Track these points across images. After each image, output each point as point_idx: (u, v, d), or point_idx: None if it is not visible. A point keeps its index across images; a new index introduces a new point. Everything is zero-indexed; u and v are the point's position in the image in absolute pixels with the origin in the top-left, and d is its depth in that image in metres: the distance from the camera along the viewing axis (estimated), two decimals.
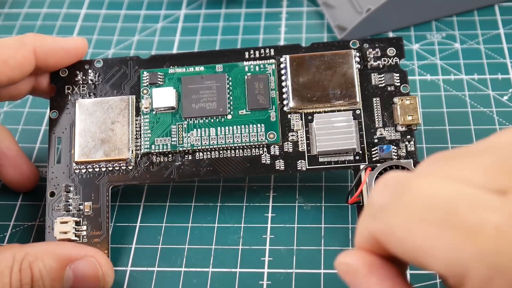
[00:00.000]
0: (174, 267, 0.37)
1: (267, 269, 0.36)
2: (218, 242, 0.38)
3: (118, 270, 0.37)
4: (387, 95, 0.38)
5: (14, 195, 0.41)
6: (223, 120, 0.38)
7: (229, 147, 0.37)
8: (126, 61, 0.40)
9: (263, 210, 0.39)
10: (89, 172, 0.38)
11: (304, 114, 0.38)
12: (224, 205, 0.40)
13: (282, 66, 0.39)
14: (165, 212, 0.40)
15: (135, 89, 0.39)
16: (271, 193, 0.40)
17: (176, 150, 0.37)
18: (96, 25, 0.53)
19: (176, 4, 0.54)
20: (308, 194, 0.40)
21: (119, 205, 0.40)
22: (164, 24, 0.52)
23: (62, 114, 0.39)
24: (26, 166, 0.40)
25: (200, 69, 0.39)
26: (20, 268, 0.33)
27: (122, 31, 0.52)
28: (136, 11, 0.54)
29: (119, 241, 0.38)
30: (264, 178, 0.41)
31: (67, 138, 0.38)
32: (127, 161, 0.37)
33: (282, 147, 0.37)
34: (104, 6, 0.55)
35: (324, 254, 0.37)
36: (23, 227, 0.40)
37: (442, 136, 0.42)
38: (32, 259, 0.33)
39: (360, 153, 0.37)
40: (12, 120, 0.46)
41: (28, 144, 0.44)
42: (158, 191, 0.41)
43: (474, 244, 0.21)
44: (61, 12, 0.54)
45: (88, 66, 0.40)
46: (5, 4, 0.55)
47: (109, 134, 0.37)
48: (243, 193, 0.40)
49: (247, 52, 0.39)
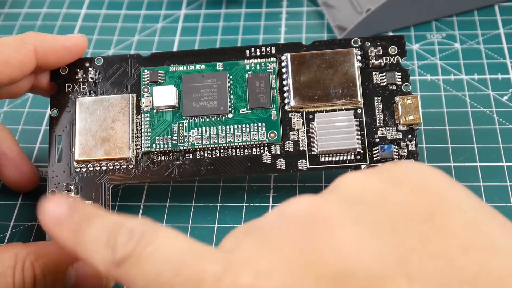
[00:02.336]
0: None
1: None
2: (218, 242, 0.38)
3: None
4: (389, 94, 0.38)
5: (14, 195, 0.41)
6: (224, 119, 0.38)
7: (230, 146, 0.37)
8: (126, 59, 0.40)
9: (263, 210, 0.39)
10: (89, 171, 0.38)
11: (305, 113, 0.38)
12: (224, 205, 0.40)
13: (283, 65, 0.38)
14: (165, 212, 0.40)
15: (135, 87, 0.39)
16: (271, 193, 0.40)
17: (177, 149, 0.37)
18: (96, 25, 0.53)
19: (176, 4, 0.54)
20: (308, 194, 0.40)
21: (119, 205, 0.40)
22: (164, 24, 0.53)
23: (62, 112, 0.39)
24: (27, 166, 0.40)
25: (201, 67, 0.39)
26: (23, 267, 0.33)
27: (122, 31, 0.52)
28: (136, 11, 0.54)
29: None
30: (264, 178, 0.41)
31: (67, 137, 0.38)
32: (128, 160, 0.37)
33: (283, 147, 0.37)
34: (104, 6, 0.55)
35: None
36: (23, 227, 0.40)
37: (442, 136, 0.42)
38: (34, 259, 0.33)
39: (361, 153, 0.37)
40: (12, 120, 0.46)
41: (28, 144, 0.44)
42: (158, 191, 0.41)
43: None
44: (61, 12, 0.54)
45: (88, 64, 0.40)
46: (5, 4, 0.55)
47: (109, 133, 0.37)
48: (243, 193, 0.40)
49: (248, 50, 0.39)
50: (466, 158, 0.41)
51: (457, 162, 0.41)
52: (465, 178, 0.40)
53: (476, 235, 0.24)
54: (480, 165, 0.40)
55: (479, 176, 0.40)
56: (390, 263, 0.23)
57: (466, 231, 0.24)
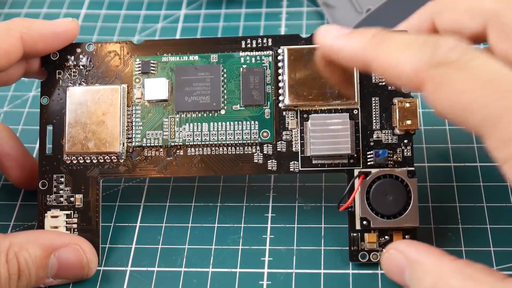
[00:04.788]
0: (174, 267, 0.37)
1: (267, 269, 0.36)
2: (218, 242, 0.38)
3: (118, 270, 0.37)
4: (387, 95, 0.37)
5: (14, 195, 0.41)
6: (216, 115, 0.37)
7: (222, 144, 0.37)
8: (118, 45, 0.39)
9: (263, 210, 0.39)
10: (80, 164, 0.37)
11: (300, 111, 0.37)
12: (224, 205, 0.40)
13: (280, 58, 0.37)
14: (165, 212, 0.40)
15: (127, 76, 0.38)
16: (271, 193, 0.40)
17: (167, 145, 0.37)
18: (96, 25, 0.53)
19: (176, 4, 0.54)
20: (308, 194, 0.40)
21: (119, 205, 0.40)
22: (164, 24, 0.53)
23: (53, 100, 0.38)
24: (31, 164, 0.40)
25: (194, 58, 0.38)
26: (6, 259, 0.33)
27: (122, 31, 0.52)
28: (136, 11, 0.54)
29: (119, 241, 0.38)
30: (264, 178, 0.41)
31: (58, 127, 0.38)
32: (118, 155, 0.37)
33: (275, 147, 0.37)
34: (104, 6, 0.55)
35: (324, 254, 0.37)
36: (23, 227, 0.40)
37: (442, 136, 0.42)
38: (18, 249, 0.34)
39: (355, 157, 0.36)
40: (12, 120, 0.46)
41: (28, 144, 0.43)
42: (158, 191, 0.41)
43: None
44: (61, 12, 0.54)
45: (80, 50, 0.38)
46: (5, 4, 0.55)
47: (100, 126, 0.37)
48: (243, 193, 0.40)
49: (243, 41, 0.38)
50: (466, 158, 0.41)
51: (457, 162, 0.41)
52: (465, 178, 0.40)
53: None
54: (480, 165, 0.40)
55: (479, 176, 0.40)
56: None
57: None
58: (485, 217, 0.38)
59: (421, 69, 0.28)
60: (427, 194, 0.39)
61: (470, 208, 0.38)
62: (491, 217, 0.38)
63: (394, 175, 0.35)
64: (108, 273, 0.37)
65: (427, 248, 0.32)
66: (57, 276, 0.35)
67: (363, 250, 0.36)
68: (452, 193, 0.39)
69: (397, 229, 0.35)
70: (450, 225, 0.37)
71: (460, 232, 0.37)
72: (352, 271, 0.36)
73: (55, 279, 0.35)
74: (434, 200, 0.39)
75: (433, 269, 0.30)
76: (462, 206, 0.38)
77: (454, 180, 0.40)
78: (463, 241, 0.37)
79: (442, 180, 0.40)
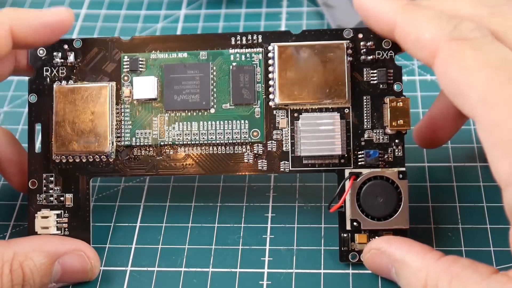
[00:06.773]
0: (174, 267, 0.37)
1: (267, 269, 0.36)
2: (218, 242, 0.38)
3: (118, 270, 0.37)
4: (379, 93, 0.36)
5: (14, 195, 0.41)
6: (206, 114, 0.37)
7: (212, 143, 0.37)
8: (106, 42, 0.38)
9: (263, 210, 0.39)
10: (69, 163, 0.37)
11: (290, 110, 0.36)
12: (224, 205, 0.40)
13: (270, 56, 0.36)
14: (165, 212, 0.40)
15: (115, 73, 0.37)
16: (271, 193, 0.40)
17: (157, 144, 0.37)
18: (96, 25, 0.53)
19: (176, 4, 0.54)
20: (308, 194, 0.40)
21: (119, 205, 0.40)
22: (164, 24, 0.53)
23: (41, 98, 0.37)
24: None
25: (184, 55, 0.37)
26: (10, 269, 0.33)
27: (122, 31, 0.52)
28: (136, 11, 0.54)
29: (119, 241, 0.38)
30: (264, 178, 0.41)
31: (46, 125, 0.37)
32: (108, 154, 0.37)
33: (265, 146, 0.37)
34: (104, 6, 0.55)
35: (324, 254, 0.37)
36: (23, 227, 0.40)
37: None
38: (23, 259, 0.33)
39: (346, 156, 0.36)
40: (12, 120, 0.46)
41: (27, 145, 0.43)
42: (158, 191, 0.41)
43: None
44: None
45: (67, 46, 0.38)
46: (5, 5, 0.55)
47: (88, 125, 0.36)
48: (243, 193, 0.40)
49: (233, 37, 0.37)
50: (466, 159, 0.41)
51: (456, 162, 0.41)
52: (465, 179, 0.40)
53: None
54: (480, 165, 0.40)
55: (479, 176, 0.40)
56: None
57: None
58: (485, 217, 0.38)
59: (440, 39, 0.29)
60: (427, 194, 0.39)
61: (470, 208, 0.38)
62: (491, 217, 0.38)
63: (385, 177, 0.35)
64: (108, 273, 0.37)
65: (409, 244, 0.32)
66: (60, 281, 0.35)
67: (353, 251, 0.36)
68: (452, 193, 0.39)
69: (387, 230, 0.35)
70: (450, 225, 0.37)
71: (460, 232, 0.37)
72: (352, 271, 0.36)
73: (57, 283, 0.35)
74: (434, 200, 0.39)
75: (420, 271, 0.30)
76: (462, 206, 0.38)
77: (454, 180, 0.40)
78: (463, 241, 0.37)
79: (442, 180, 0.40)
